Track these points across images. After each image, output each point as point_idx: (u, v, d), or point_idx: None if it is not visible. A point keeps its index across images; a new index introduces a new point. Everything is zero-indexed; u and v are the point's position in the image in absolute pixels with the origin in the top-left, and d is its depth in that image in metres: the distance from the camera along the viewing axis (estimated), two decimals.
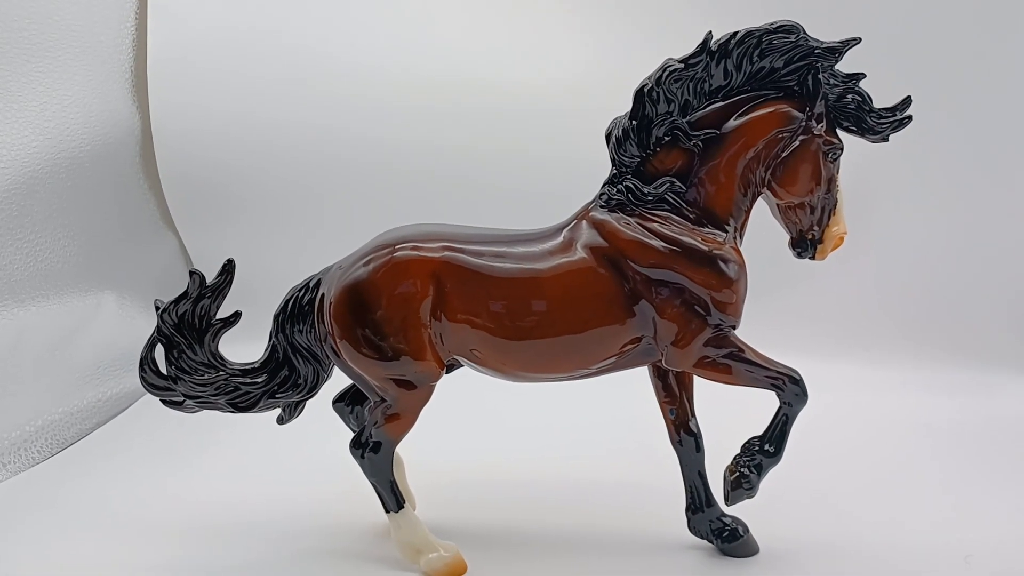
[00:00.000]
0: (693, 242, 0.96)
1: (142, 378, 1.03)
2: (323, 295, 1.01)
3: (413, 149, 1.92)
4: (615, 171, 1.00)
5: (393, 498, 1.03)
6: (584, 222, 1.00)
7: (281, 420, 1.11)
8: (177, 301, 1.02)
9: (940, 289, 1.79)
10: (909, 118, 0.98)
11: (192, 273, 1.02)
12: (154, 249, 1.94)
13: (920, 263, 1.80)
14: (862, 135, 0.99)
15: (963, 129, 1.75)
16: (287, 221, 1.98)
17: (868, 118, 0.97)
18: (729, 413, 1.15)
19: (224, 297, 1.04)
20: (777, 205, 1.01)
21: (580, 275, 0.97)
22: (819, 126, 0.96)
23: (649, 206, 0.98)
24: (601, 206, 1.00)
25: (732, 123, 0.97)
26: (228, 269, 1.03)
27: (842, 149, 0.98)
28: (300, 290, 1.05)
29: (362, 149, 1.94)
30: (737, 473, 1.00)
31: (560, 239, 0.99)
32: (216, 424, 1.41)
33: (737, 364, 0.98)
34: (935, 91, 1.64)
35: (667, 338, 0.97)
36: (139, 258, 1.87)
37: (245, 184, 1.97)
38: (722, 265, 0.96)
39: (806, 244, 1.00)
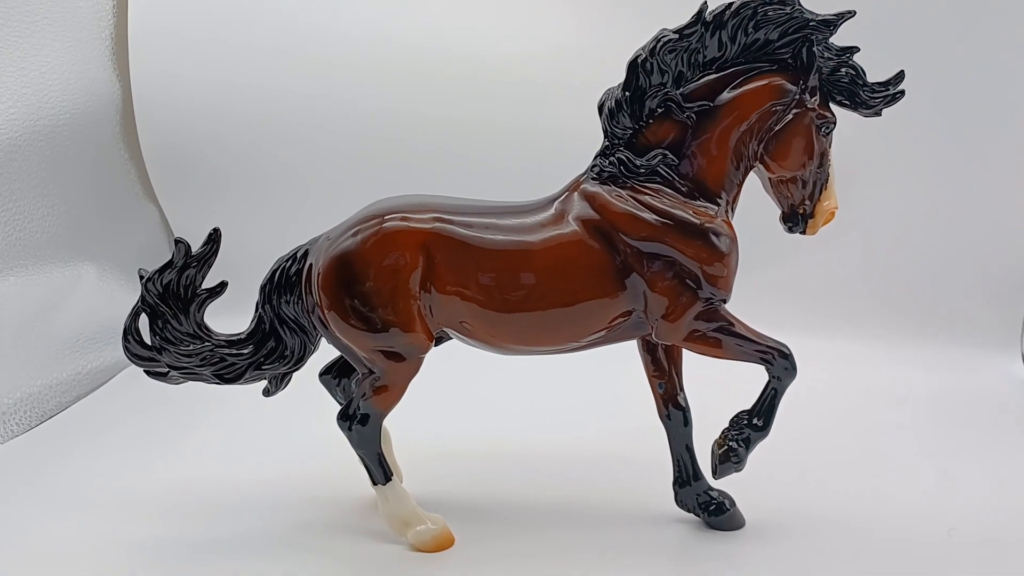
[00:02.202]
0: (685, 215, 0.96)
1: (126, 348, 1.01)
2: (311, 265, 1.00)
3: (400, 120, 1.90)
4: (607, 143, 0.99)
5: (381, 470, 1.02)
6: (575, 194, 0.99)
7: (267, 392, 1.09)
8: (162, 270, 1.00)
9: (923, 265, 1.80)
10: (902, 92, 0.97)
11: (178, 242, 1.00)
12: (135, 221, 1.91)
13: (903, 239, 1.81)
14: (855, 109, 0.98)
15: (945, 107, 1.74)
16: (272, 192, 1.95)
17: (861, 92, 0.97)
18: (717, 387, 1.15)
19: (210, 267, 1.02)
20: (769, 179, 1.00)
21: (571, 247, 0.96)
22: (812, 99, 0.96)
23: (641, 178, 0.97)
24: (593, 178, 0.99)
25: (726, 95, 0.96)
26: (214, 238, 1.01)
27: (835, 123, 0.98)
28: (287, 260, 1.04)
29: (348, 120, 1.91)
30: (725, 447, 1.00)
31: (551, 211, 0.99)
32: (199, 396, 1.40)
33: (727, 338, 0.98)
34: (920, 67, 1.63)
35: (657, 311, 0.97)
36: (120, 230, 1.84)
37: (228, 155, 1.94)
38: (714, 238, 0.96)
39: (797, 219, 1.00)
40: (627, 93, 0.97)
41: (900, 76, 0.97)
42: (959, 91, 1.75)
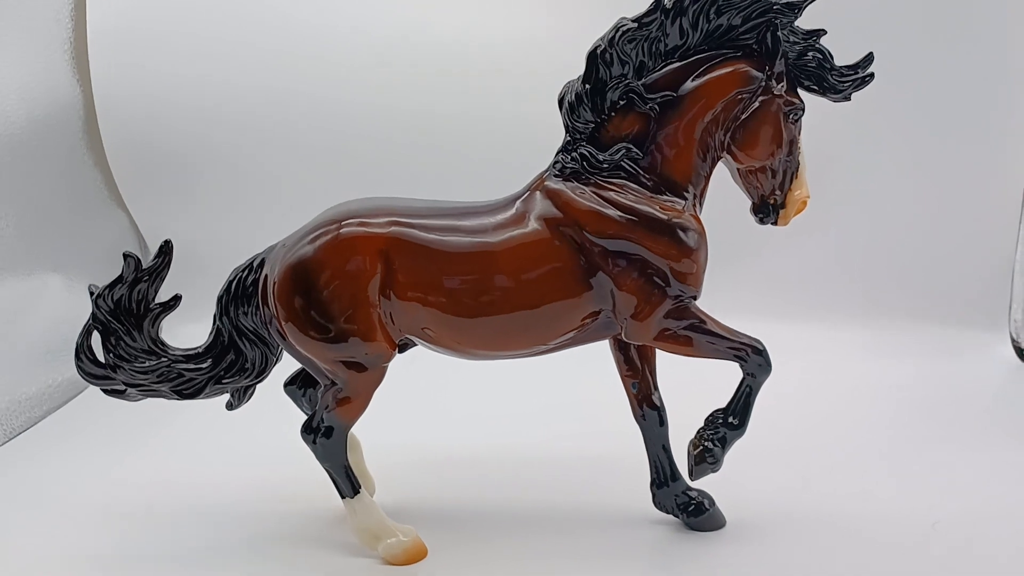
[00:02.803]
0: (651, 210, 0.93)
1: (79, 367, 0.99)
2: (266, 275, 0.97)
3: (373, 114, 1.85)
4: (569, 138, 0.96)
5: (348, 483, 0.99)
6: (538, 192, 0.96)
7: (230, 406, 1.07)
8: (112, 286, 0.97)
9: (906, 249, 1.77)
10: (871, 75, 0.94)
11: (126, 256, 0.97)
12: (102, 227, 1.86)
13: (885, 223, 1.78)
14: (823, 94, 0.95)
15: (921, 91, 1.72)
16: (243, 192, 1.91)
17: (830, 76, 0.94)
18: (692, 385, 1.12)
19: (162, 280, 0.99)
20: (738, 169, 0.97)
21: (534, 248, 0.93)
22: (779, 86, 0.93)
23: (605, 174, 0.94)
24: (555, 175, 0.96)
25: (689, 84, 0.93)
26: (165, 251, 0.98)
27: (803, 109, 0.95)
28: (243, 270, 1.00)
29: (320, 116, 1.87)
30: (701, 447, 0.97)
31: (513, 211, 0.95)
32: (171, 410, 1.37)
33: (698, 336, 0.95)
34: (894, 49, 1.60)
35: (626, 311, 0.94)
36: (87, 237, 1.80)
37: (197, 156, 1.89)
38: (681, 234, 0.93)
39: (768, 209, 0.97)
40: (587, 86, 0.93)
41: (869, 59, 0.94)
42: (937, 70, 1.72)
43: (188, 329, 1.07)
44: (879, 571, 0.96)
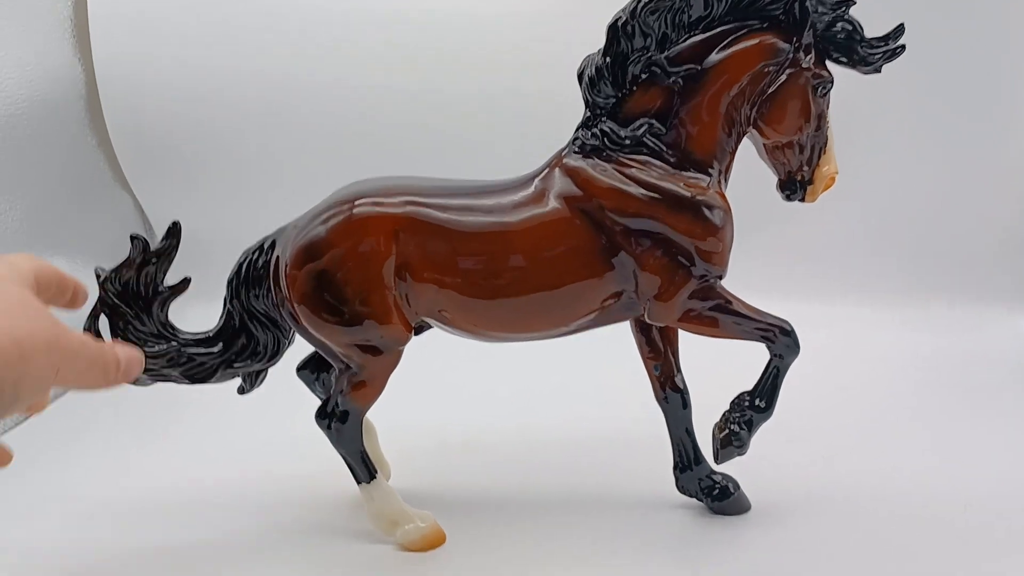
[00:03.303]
0: (675, 188, 0.90)
1: None
2: (277, 257, 0.94)
3: (377, 95, 1.81)
4: (589, 114, 0.93)
5: (364, 469, 0.97)
6: (557, 170, 0.93)
7: (242, 390, 1.04)
8: (119, 268, 0.94)
9: (927, 224, 1.73)
10: (903, 47, 0.91)
11: (134, 238, 0.94)
12: (107, 211, 1.84)
13: (905, 198, 1.74)
14: (853, 67, 0.92)
15: (947, 61, 1.68)
16: (248, 174, 1.87)
17: (859, 48, 0.90)
18: (716, 367, 1.10)
19: (171, 262, 0.96)
20: (764, 145, 0.94)
21: (553, 227, 0.90)
22: (807, 58, 0.90)
23: (626, 150, 0.91)
24: (575, 152, 0.93)
25: (714, 57, 0.90)
26: (174, 232, 0.95)
27: (832, 82, 0.91)
28: (254, 252, 0.98)
29: (325, 97, 1.83)
30: (727, 430, 0.95)
31: (531, 189, 0.92)
32: (174, 394, 1.35)
33: (724, 317, 0.92)
34: (920, 21, 1.56)
35: (649, 292, 0.91)
36: (91, 221, 1.77)
37: (203, 137, 1.86)
38: (706, 212, 0.90)
39: (795, 186, 0.94)
40: (608, 59, 0.90)
41: (900, 30, 0.91)
42: (961, 44, 1.68)
43: (195, 311, 1.04)
44: (907, 551, 0.94)
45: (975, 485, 1.07)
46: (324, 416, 0.96)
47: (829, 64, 0.92)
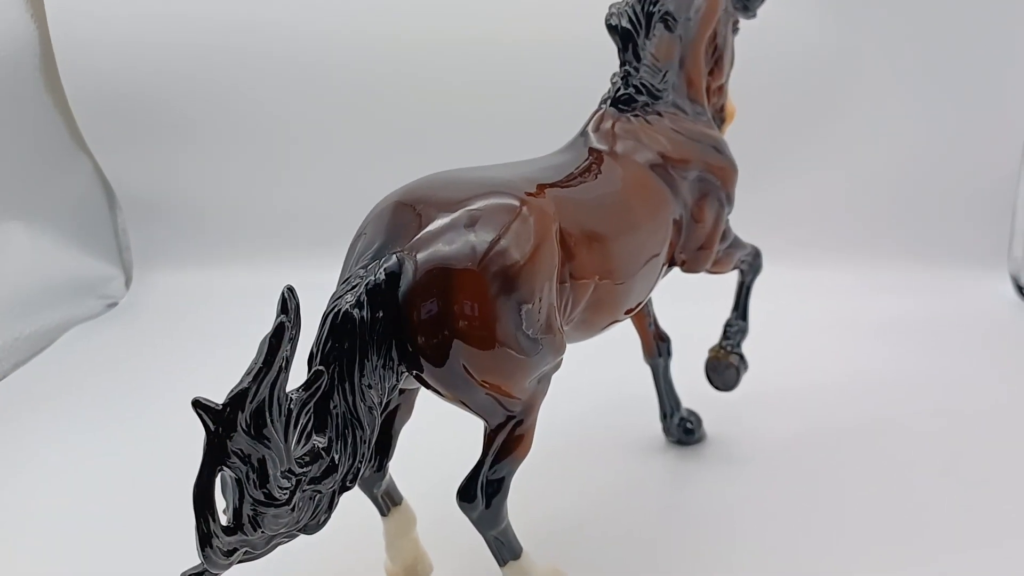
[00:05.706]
0: (710, 133, 0.92)
1: (206, 558, 0.58)
2: (413, 300, 0.65)
3: (357, 46, 1.75)
4: (627, 68, 0.90)
5: (516, 541, 0.75)
6: (614, 128, 0.87)
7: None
8: (239, 395, 0.58)
9: (902, 190, 1.74)
10: None
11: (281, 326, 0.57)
12: (66, 174, 1.78)
13: (885, 162, 1.74)
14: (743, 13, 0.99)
15: (929, 27, 1.66)
16: (211, 135, 1.81)
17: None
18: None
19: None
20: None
21: (648, 190, 0.84)
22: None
23: (661, 103, 0.90)
24: (621, 109, 0.89)
25: (698, 3, 0.91)
26: (290, 303, 0.58)
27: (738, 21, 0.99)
28: (351, 304, 0.63)
29: (291, 53, 1.77)
30: (734, 353, 1.00)
31: (606, 156, 0.84)
32: (150, 358, 1.32)
33: (732, 251, 0.96)
34: None
35: (695, 243, 0.90)
36: (50, 184, 1.71)
37: (163, 95, 1.79)
38: (729, 152, 0.93)
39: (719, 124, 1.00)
40: (638, 9, 0.89)
41: None
42: (941, 8, 1.67)
43: (154, 277, 0.96)
44: (883, 510, 0.95)
45: (952, 445, 1.08)
46: (472, 497, 0.71)
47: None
